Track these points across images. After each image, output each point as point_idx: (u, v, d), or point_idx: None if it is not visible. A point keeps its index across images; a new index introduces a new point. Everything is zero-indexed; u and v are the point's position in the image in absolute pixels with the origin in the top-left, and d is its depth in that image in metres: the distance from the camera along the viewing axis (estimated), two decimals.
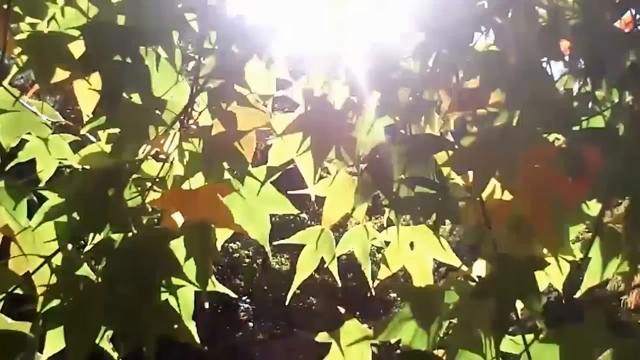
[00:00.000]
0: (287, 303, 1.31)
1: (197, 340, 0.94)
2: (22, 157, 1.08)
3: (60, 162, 1.08)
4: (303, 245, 1.21)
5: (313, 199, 1.15)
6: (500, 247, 0.99)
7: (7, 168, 1.08)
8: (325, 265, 1.21)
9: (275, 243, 1.10)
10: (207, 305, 0.94)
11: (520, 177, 0.96)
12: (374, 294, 1.24)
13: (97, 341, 0.90)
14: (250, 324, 12.98)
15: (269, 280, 11.90)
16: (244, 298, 13.20)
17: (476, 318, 0.93)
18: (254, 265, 12.88)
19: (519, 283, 0.91)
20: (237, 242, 11.64)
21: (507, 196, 0.98)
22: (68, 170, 1.05)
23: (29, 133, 1.06)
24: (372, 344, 1.06)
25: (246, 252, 12.10)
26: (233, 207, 1.02)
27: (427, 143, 1.02)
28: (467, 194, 1.07)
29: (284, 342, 11.39)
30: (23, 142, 1.10)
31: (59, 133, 1.07)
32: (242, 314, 13.09)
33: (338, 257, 1.22)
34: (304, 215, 10.29)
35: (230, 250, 11.55)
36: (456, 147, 1.02)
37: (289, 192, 1.22)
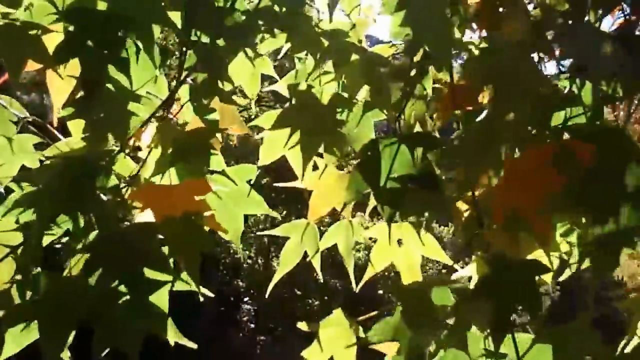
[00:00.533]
0: (266, 296, 1.29)
1: (183, 339, 0.92)
2: None
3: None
4: None
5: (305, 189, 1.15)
6: (492, 245, 0.98)
7: None
8: (308, 259, 1.19)
9: (259, 234, 1.08)
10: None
11: (511, 173, 0.94)
12: (357, 291, 1.22)
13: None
14: (252, 325, 13.00)
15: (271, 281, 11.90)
16: (245, 299, 13.20)
17: (475, 319, 0.91)
18: (256, 266, 12.88)
19: (519, 287, 0.90)
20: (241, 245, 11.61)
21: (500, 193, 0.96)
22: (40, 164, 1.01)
23: None
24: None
25: (248, 252, 12.11)
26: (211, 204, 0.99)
27: (417, 141, 1.00)
28: (459, 191, 1.04)
29: (285, 343, 11.39)
30: None
31: (27, 132, 1.04)
32: (243, 314, 13.10)
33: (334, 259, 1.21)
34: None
35: (232, 251, 11.55)
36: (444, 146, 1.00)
37: (277, 184, 1.20)
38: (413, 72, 1.08)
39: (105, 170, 0.94)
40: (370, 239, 1.22)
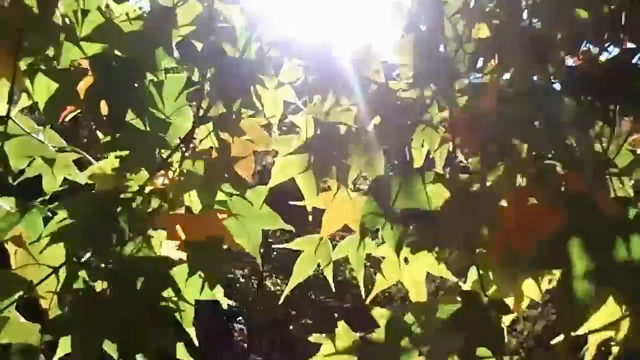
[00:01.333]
0: (280, 301, 1.37)
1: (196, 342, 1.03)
2: (29, 172, 1.16)
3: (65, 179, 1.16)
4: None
5: (310, 211, 1.25)
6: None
7: (15, 183, 1.16)
8: (321, 268, 1.28)
9: (275, 246, 1.18)
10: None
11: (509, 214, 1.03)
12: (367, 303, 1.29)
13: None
14: (245, 345, 12.91)
15: (264, 301, 11.88)
16: (238, 318, 13.14)
17: (446, 350, 0.99)
18: (249, 285, 12.85)
19: (484, 323, 0.99)
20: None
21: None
22: (75, 190, 1.12)
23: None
24: None
25: (241, 272, 12.09)
26: (229, 225, 1.15)
27: (419, 176, 1.09)
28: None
29: None
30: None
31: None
32: (236, 334, 13.03)
33: (334, 277, 1.30)
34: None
35: (224, 271, 11.51)
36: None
37: (290, 202, 1.30)
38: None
39: (130, 205, 1.05)
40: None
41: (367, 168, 1.18)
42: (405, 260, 1.23)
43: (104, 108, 1.09)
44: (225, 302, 1.16)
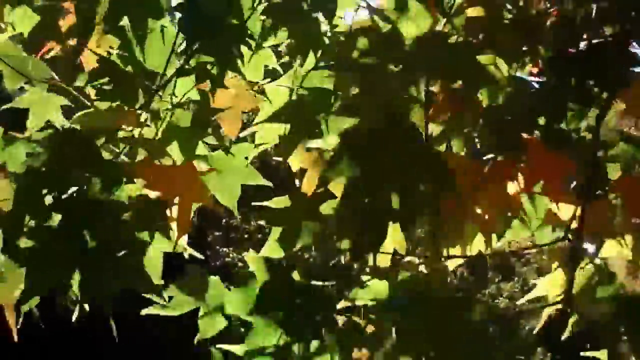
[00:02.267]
0: None
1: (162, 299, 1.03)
2: (18, 103, 1.16)
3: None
4: None
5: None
6: None
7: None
8: None
9: (253, 203, 1.18)
10: None
11: None
12: None
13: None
14: None
15: None
16: None
17: None
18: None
19: None
20: (230, 247, 11.58)
21: None
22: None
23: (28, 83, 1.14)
24: None
25: (239, 255, 12.11)
26: (207, 180, 1.14)
27: None
28: None
29: None
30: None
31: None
32: None
33: None
34: None
35: (221, 253, 11.54)
36: None
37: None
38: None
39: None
40: None
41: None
42: None
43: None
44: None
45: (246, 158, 1.17)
